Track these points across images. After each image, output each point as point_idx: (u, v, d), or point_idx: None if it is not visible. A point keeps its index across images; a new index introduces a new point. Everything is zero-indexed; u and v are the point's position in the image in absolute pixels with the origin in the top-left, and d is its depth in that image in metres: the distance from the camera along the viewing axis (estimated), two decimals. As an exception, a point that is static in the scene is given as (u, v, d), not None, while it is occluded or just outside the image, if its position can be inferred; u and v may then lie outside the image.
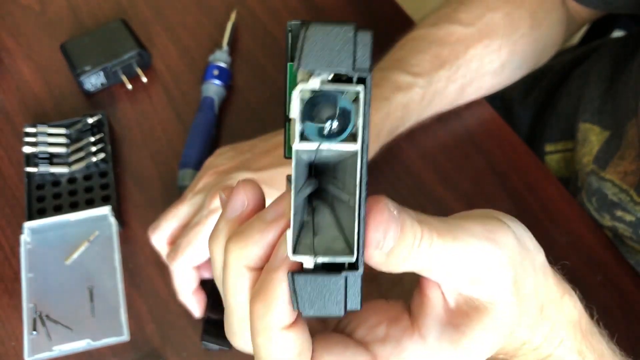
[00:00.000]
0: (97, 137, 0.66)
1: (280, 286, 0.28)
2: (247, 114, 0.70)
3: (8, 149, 0.68)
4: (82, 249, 0.61)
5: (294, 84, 0.38)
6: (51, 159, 0.65)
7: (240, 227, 0.30)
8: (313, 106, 0.27)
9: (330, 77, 0.27)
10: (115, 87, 0.71)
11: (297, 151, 0.27)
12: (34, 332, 0.57)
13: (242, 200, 0.31)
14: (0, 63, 0.73)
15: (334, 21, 0.26)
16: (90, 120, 0.66)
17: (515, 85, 0.68)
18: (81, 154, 0.65)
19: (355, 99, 0.27)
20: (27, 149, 0.64)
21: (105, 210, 0.61)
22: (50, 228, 0.61)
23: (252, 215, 0.30)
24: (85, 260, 0.61)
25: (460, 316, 0.31)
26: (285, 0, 0.77)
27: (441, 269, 0.30)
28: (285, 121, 0.40)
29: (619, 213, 0.58)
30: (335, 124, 0.27)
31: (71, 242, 0.61)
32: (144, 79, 0.70)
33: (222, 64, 0.70)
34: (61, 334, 0.57)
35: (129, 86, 0.70)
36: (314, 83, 0.27)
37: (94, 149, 0.65)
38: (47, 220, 0.61)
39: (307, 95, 0.27)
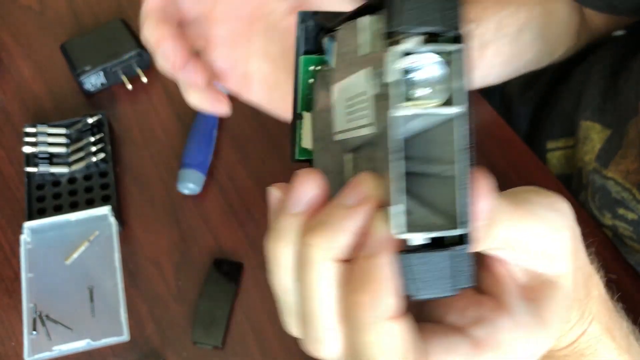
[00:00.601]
0: (97, 137, 0.66)
1: (387, 270, 0.25)
2: (247, 114, 0.70)
3: (8, 149, 0.68)
4: (82, 248, 0.61)
5: (307, 78, 0.38)
6: (51, 159, 0.65)
7: (315, 219, 0.27)
8: (406, 70, 0.25)
9: (422, 39, 0.25)
10: (115, 87, 0.71)
11: (396, 117, 0.25)
12: (34, 332, 0.57)
13: (310, 191, 0.28)
14: (0, 63, 0.73)
15: None
16: (90, 120, 0.66)
17: (514, 80, 0.68)
18: (81, 154, 0.65)
19: (449, 60, 0.25)
20: (27, 149, 0.64)
21: (105, 210, 0.61)
22: (50, 228, 0.61)
23: (321, 206, 0.28)
24: (85, 260, 0.61)
25: (533, 291, 0.30)
26: (285, 0, 0.77)
27: (515, 243, 0.29)
28: (294, 119, 0.39)
29: (621, 211, 0.58)
30: (430, 88, 0.25)
31: (71, 242, 0.61)
32: (144, 79, 0.70)
33: (222, 64, 0.69)
34: (61, 334, 0.57)
35: (129, 86, 0.70)
36: (410, 44, 0.25)
37: (94, 149, 0.65)
38: (47, 220, 0.61)
39: (400, 58, 0.25)
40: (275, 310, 0.64)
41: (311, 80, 0.37)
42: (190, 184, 0.64)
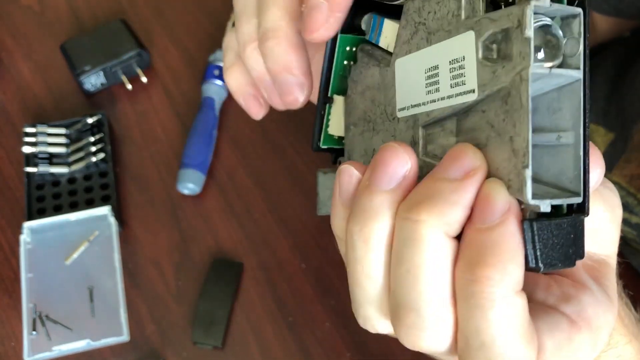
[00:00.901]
0: (97, 137, 0.66)
1: (514, 240, 0.24)
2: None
3: (8, 149, 0.68)
4: (82, 249, 0.61)
5: (344, 59, 0.36)
6: (51, 159, 0.65)
7: (419, 194, 0.25)
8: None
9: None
10: (115, 87, 0.71)
11: (533, 74, 0.24)
12: (34, 332, 0.57)
13: (404, 165, 0.26)
14: (0, 63, 0.73)
15: None
16: (90, 120, 0.66)
17: None
18: (81, 154, 0.65)
19: (568, 23, 0.25)
20: (26, 149, 0.64)
21: (105, 210, 0.61)
22: (50, 228, 0.61)
23: (414, 181, 0.26)
24: (85, 260, 0.61)
25: (592, 270, 0.29)
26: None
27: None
28: (323, 102, 0.36)
29: (624, 215, 0.58)
30: (548, 52, 0.24)
31: (71, 242, 0.61)
32: (144, 79, 0.70)
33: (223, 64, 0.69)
34: (61, 334, 0.57)
35: (129, 86, 0.70)
36: (545, 1, 0.24)
37: (93, 149, 0.65)
38: (47, 220, 0.61)
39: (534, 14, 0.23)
40: (275, 310, 0.65)
41: (347, 63, 0.36)
42: (190, 184, 0.64)
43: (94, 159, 0.65)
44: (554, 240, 0.24)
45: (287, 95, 0.34)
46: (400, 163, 0.26)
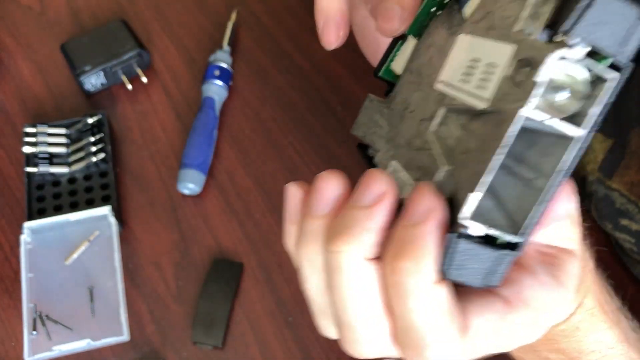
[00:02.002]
0: (97, 137, 0.66)
1: (430, 240, 0.26)
2: (247, 114, 0.70)
3: (8, 149, 0.68)
4: (82, 248, 0.61)
5: (432, 6, 0.35)
6: (51, 159, 0.65)
7: (337, 222, 0.28)
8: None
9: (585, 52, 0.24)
10: (115, 87, 0.71)
11: (524, 117, 0.24)
12: (34, 332, 0.57)
13: (335, 192, 0.28)
14: (0, 63, 0.73)
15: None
16: (90, 120, 0.66)
17: None
18: (81, 154, 0.65)
19: (598, 83, 0.25)
20: (27, 149, 0.64)
21: (105, 210, 0.61)
22: (50, 228, 0.61)
23: (343, 204, 0.28)
24: (85, 260, 0.61)
25: (550, 257, 0.31)
26: (285, 0, 0.77)
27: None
28: (397, 37, 0.37)
29: (624, 222, 0.57)
30: (567, 99, 0.24)
31: (71, 242, 0.61)
32: (144, 79, 0.70)
33: (224, 64, 0.69)
34: (61, 334, 0.57)
35: (129, 86, 0.70)
36: (577, 54, 0.24)
37: (94, 149, 0.65)
38: (47, 220, 0.61)
39: (557, 61, 0.24)
40: (275, 310, 0.65)
41: (433, 10, 0.36)
42: (190, 184, 0.64)
43: (94, 159, 0.65)
44: (470, 262, 0.26)
45: (388, 21, 0.35)
46: (330, 190, 0.28)
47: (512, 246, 0.27)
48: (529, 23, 0.27)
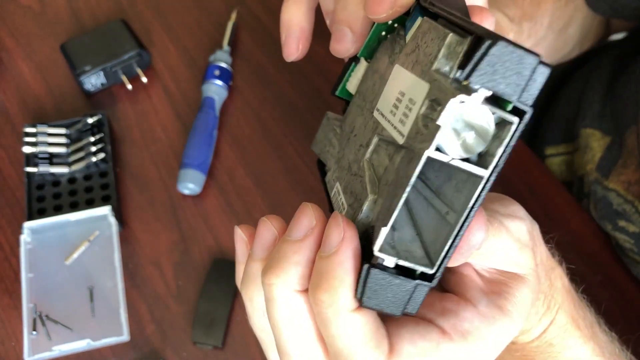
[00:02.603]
0: (97, 137, 0.66)
1: (342, 270, 0.27)
2: (247, 114, 0.70)
3: (8, 149, 0.68)
4: (82, 249, 0.61)
5: (382, 29, 0.35)
6: (51, 159, 0.65)
7: (272, 255, 0.29)
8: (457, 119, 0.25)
9: (486, 95, 0.25)
10: (115, 87, 0.71)
11: (428, 157, 0.25)
12: (34, 332, 0.57)
13: (271, 237, 0.31)
14: (0, 63, 0.73)
15: (520, 45, 0.25)
16: (90, 120, 0.66)
17: None
18: (81, 154, 0.65)
19: (500, 127, 0.25)
20: (27, 149, 0.64)
21: (105, 210, 0.61)
22: (50, 228, 0.61)
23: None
24: (85, 260, 0.61)
25: (499, 285, 0.32)
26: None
27: (486, 254, 0.31)
28: (351, 59, 0.38)
29: (622, 223, 0.57)
30: (473, 140, 0.25)
31: (71, 242, 0.61)
32: (144, 79, 0.70)
33: (224, 64, 0.69)
34: (61, 334, 0.57)
35: (129, 86, 0.70)
36: (477, 99, 0.25)
37: (94, 149, 0.65)
38: (47, 220, 0.61)
39: (459, 105, 0.25)
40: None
41: (384, 34, 0.36)
42: (190, 184, 0.64)
43: (94, 159, 0.65)
44: (384, 291, 0.27)
45: (338, 43, 0.36)
46: (268, 236, 0.31)
47: (427, 277, 0.28)
48: (443, 63, 0.27)
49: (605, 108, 0.63)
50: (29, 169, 0.64)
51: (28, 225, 0.61)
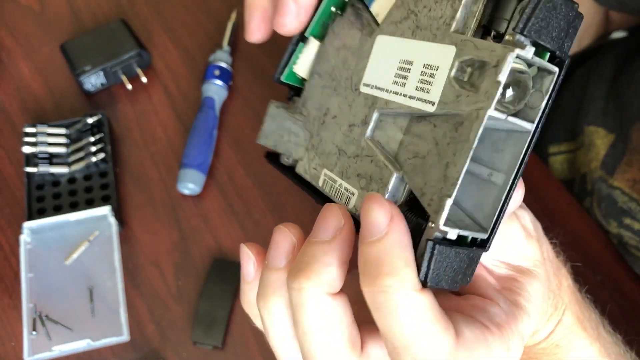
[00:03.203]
0: (97, 137, 0.66)
1: (401, 247, 0.26)
2: (247, 114, 0.70)
3: (8, 149, 0.68)
4: (82, 249, 0.61)
5: (332, 4, 0.35)
6: (51, 159, 0.65)
7: (298, 262, 0.28)
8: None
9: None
10: (115, 87, 0.71)
11: (489, 116, 0.25)
12: (34, 332, 0.57)
13: (290, 244, 0.29)
14: (0, 63, 0.73)
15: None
16: (90, 120, 0.66)
17: None
18: (81, 154, 0.65)
19: (538, 78, 0.25)
20: (27, 149, 0.64)
21: (105, 210, 0.61)
22: (50, 228, 0.61)
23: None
24: (85, 260, 0.61)
25: (510, 280, 0.32)
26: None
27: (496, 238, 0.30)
28: (297, 39, 0.36)
29: (627, 221, 0.57)
30: (513, 95, 0.25)
31: (71, 242, 0.61)
32: (144, 79, 0.70)
33: (224, 64, 0.69)
34: (61, 334, 0.57)
35: (129, 86, 0.70)
36: (529, 52, 0.25)
37: (94, 149, 0.65)
38: (47, 220, 0.61)
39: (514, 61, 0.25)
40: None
41: (334, 10, 0.35)
42: (190, 184, 0.64)
43: (94, 159, 0.65)
44: (448, 264, 0.26)
45: (282, 16, 0.36)
46: (286, 243, 0.29)
47: (480, 244, 0.27)
48: (461, 23, 0.27)
49: (608, 105, 0.63)
50: (29, 169, 0.64)
51: (28, 225, 0.61)
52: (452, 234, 0.26)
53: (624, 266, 0.60)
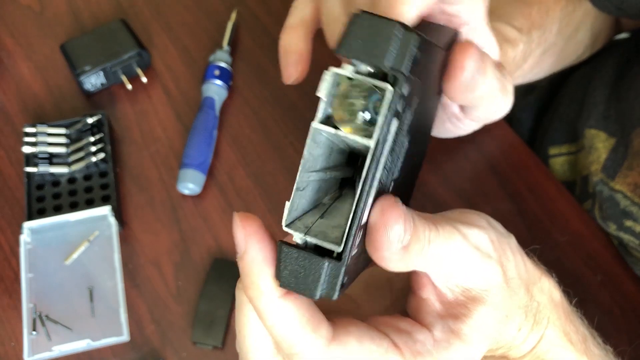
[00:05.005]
0: (97, 137, 0.66)
1: (257, 263, 0.29)
2: (247, 114, 0.70)
3: (8, 149, 0.68)
4: (82, 249, 0.61)
5: None
6: (51, 159, 0.65)
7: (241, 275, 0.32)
8: (346, 95, 0.27)
9: (370, 70, 0.27)
10: (115, 87, 0.71)
11: (314, 129, 0.27)
12: (34, 332, 0.57)
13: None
14: (0, 63, 0.73)
15: (381, 15, 0.26)
16: (90, 120, 0.66)
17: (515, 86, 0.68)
18: (81, 154, 0.65)
19: (381, 95, 0.27)
20: (26, 149, 0.64)
21: (105, 210, 0.61)
22: (50, 228, 0.61)
23: None
24: (85, 260, 0.61)
25: (459, 306, 0.32)
26: (285, 0, 0.77)
27: (441, 263, 0.31)
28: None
29: (628, 223, 0.57)
30: (364, 115, 0.27)
31: (71, 242, 0.61)
32: (144, 79, 0.70)
33: (223, 64, 0.69)
34: (61, 334, 0.57)
35: (129, 86, 0.70)
36: (347, 70, 0.27)
37: (93, 149, 0.65)
38: (47, 220, 0.61)
39: (342, 80, 0.27)
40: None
41: None
42: (190, 184, 0.64)
43: (94, 159, 0.65)
44: (295, 267, 0.28)
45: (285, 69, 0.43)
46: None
47: (336, 257, 0.28)
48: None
49: (610, 109, 0.63)
50: (29, 169, 0.64)
51: (28, 225, 0.61)
52: (297, 237, 0.28)
53: (624, 266, 0.60)
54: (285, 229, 0.28)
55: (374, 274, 0.40)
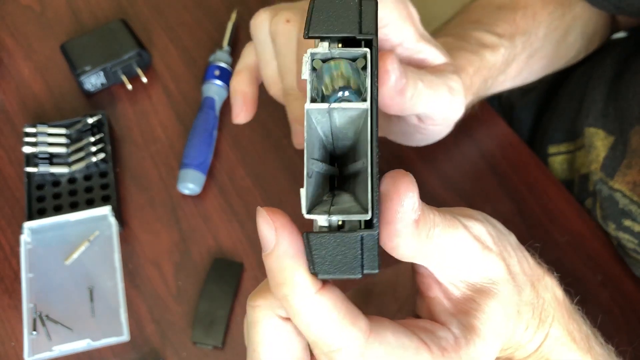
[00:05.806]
0: (97, 137, 0.66)
1: (286, 260, 0.28)
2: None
3: (8, 149, 0.68)
4: (82, 249, 0.61)
5: None
6: (51, 159, 0.65)
7: (269, 278, 0.30)
8: (325, 73, 0.28)
9: (339, 44, 0.28)
10: (115, 87, 0.71)
11: (308, 110, 0.27)
12: (34, 332, 0.57)
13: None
14: (0, 63, 0.73)
15: None
16: (90, 120, 0.66)
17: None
18: (81, 154, 0.65)
19: (365, 64, 0.28)
20: (27, 149, 0.64)
21: (105, 210, 0.61)
22: (50, 228, 0.61)
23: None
24: (85, 260, 0.61)
25: (467, 301, 0.32)
26: (286, 1, 0.77)
27: (444, 254, 0.31)
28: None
29: (627, 222, 0.57)
30: (346, 91, 0.27)
31: (71, 242, 0.61)
32: (144, 79, 0.70)
33: (224, 64, 0.69)
34: (61, 334, 0.57)
35: (129, 86, 0.70)
36: (322, 47, 0.28)
37: (94, 149, 0.65)
38: (47, 220, 0.61)
39: (313, 59, 0.28)
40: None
41: None
42: (190, 184, 0.64)
43: (94, 159, 0.65)
44: (330, 251, 0.27)
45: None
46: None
47: (366, 226, 0.28)
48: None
49: (608, 107, 0.63)
50: (29, 169, 0.64)
51: (28, 225, 0.61)
52: (322, 220, 0.28)
53: (624, 266, 0.60)
54: (307, 216, 0.27)
55: (375, 282, 0.40)
